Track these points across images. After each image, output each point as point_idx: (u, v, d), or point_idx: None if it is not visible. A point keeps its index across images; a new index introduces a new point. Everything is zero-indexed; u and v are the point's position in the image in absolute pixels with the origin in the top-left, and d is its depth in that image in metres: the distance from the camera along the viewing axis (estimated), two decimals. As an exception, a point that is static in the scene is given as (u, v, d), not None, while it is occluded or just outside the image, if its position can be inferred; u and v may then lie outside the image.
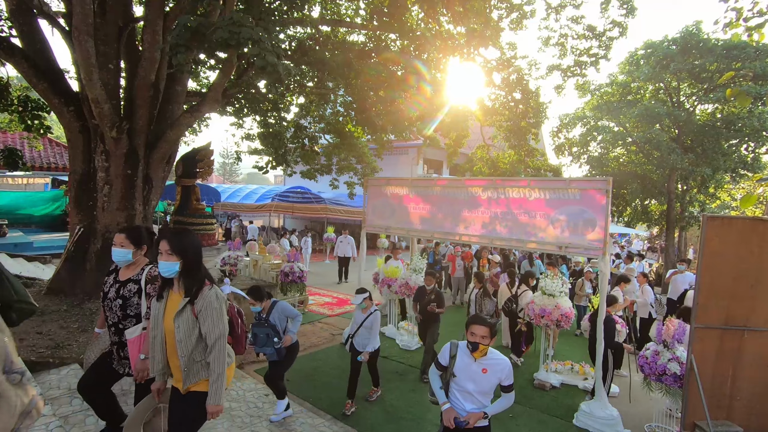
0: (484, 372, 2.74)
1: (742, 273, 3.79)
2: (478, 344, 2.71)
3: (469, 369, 2.77)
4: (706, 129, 15.71)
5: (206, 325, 2.39)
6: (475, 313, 2.95)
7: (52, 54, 6.34)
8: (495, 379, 2.75)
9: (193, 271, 2.45)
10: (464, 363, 2.80)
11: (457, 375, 2.80)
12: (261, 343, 4.20)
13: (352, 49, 8.10)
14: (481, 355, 2.74)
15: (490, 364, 2.76)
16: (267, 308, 4.36)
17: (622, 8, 8.15)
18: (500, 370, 2.75)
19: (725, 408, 3.86)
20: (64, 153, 14.10)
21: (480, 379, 2.75)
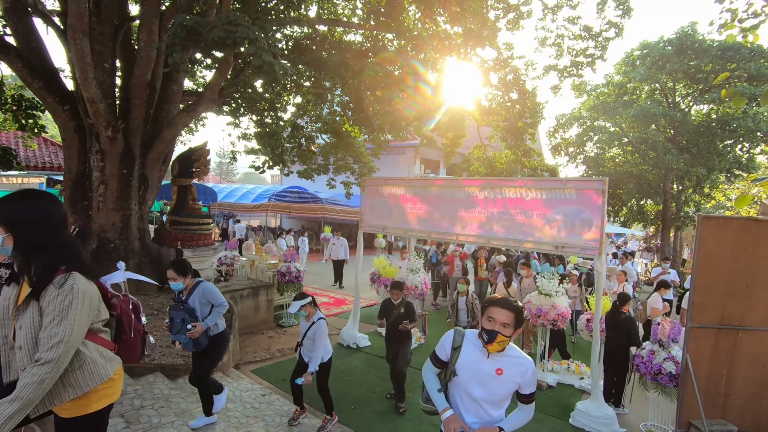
0: (498, 373, 2.06)
1: (737, 272, 3.81)
2: (497, 334, 2.01)
3: (478, 367, 2.10)
4: (702, 129, 15.82)
5: (45, 328, 1.70)
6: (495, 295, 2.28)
7: (46, 53, 6.31)
8: (512, 384, 2.08)
9: (33, 251, 1.76)
10: (472, 359, 2.13)
11: (460, 374, 2.13)
12: (175, 329, 3.64)
13: (349, 49, 8.10)
14: (499, 349, 2.06)
15: (508, 362, 2.09)
16: (189, 288, 3.78)
17: (618, 9, 8.19)
18: (521, 373, 2.07)
19: (720, 407, 3.88)
20: (59, 152, 14.01)
21: (492, 383, 2.08)
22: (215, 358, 3.95)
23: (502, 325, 2.03)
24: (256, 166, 9.77)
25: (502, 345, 2.05)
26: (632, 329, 5.18)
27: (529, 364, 2.10)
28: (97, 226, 6.30)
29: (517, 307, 2.06)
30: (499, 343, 2.04)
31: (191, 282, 3.80)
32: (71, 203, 6.46)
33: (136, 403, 3.84)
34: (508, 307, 2.05)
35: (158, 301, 6.31)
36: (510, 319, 2.03)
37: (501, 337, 2.02)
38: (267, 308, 7.60)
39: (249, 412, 4.25)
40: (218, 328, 3.88)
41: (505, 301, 2.07)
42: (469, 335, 2.20)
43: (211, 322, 3.74)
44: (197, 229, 7.53)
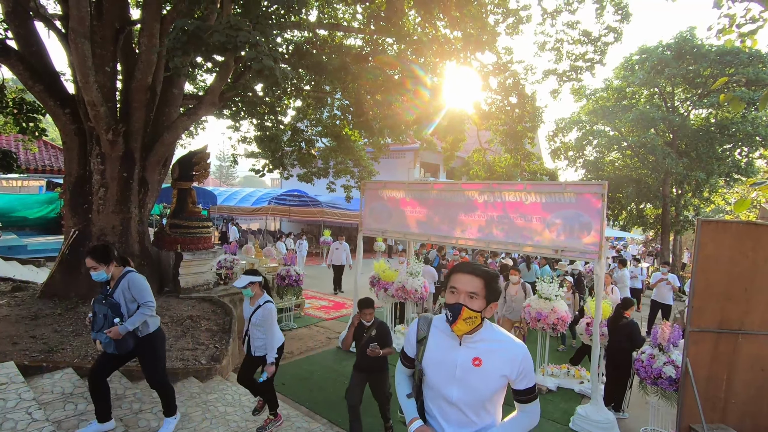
0: (475, 363, 1.63)
1: (737, 276, 3.81)
2: (461, 307, 1.58)
3: (449, 359, 1.67)
4: (701, 134, 15.88)
5: None
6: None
7: (48, 56, 6.33)
8: (497, 377, 1.62)
9: None
10: (442, 350, 1.70)
11: (429, 372, 1.71)
12: (96, 326, 3.18)
13: (349, 53, 8.13)
14: (467, 329, 1.61)
15: (488, 348, 1.64)
16: (116, 278, 3.29)
17: (617, 14, 8.23)
18: (508, 361, 1.62)
19: (720, 411, 3.87)
20: (59, 155, 14.03)
21: (470, 378, 1.63)
22: (155, 361, 3.47)
23: (468, 296, 1.59)
24: (256, 169, 9.79)
25: (471, 323, 1.60)
26: (635, 333, 5.18)
27: (518, 349, 1.63)
28: (97, 229, 6.29)
29: (486, 272, 1.64)
30: (466, 321, 1.59)
31: (118, 272, 3.29)
32: (71, 206, 6.46)
33: (135, 407, 3.83)
34: (473, 271, 1.63)
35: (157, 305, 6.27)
36: (478, 288, 1.60)
37: (468, 312, 1.58)
38: (266, 312, 7.57)
39: (248, 416, 4.23)
40: (148, 328, 3.39)
41: (469, 265, 1.66)
42: (437, 321, 1.78)
43: (132, 325, 3.19)
44: (197, 233, 7.53)
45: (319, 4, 8.59)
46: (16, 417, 3.09)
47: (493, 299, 1.64)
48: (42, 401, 3.54)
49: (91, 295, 5.98)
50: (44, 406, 3.48)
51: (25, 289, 6.79)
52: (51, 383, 3.88)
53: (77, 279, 6.13)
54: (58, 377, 3.98)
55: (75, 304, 5.87)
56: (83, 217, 6.38)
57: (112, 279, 3.28)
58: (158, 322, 3.55)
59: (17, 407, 3.21)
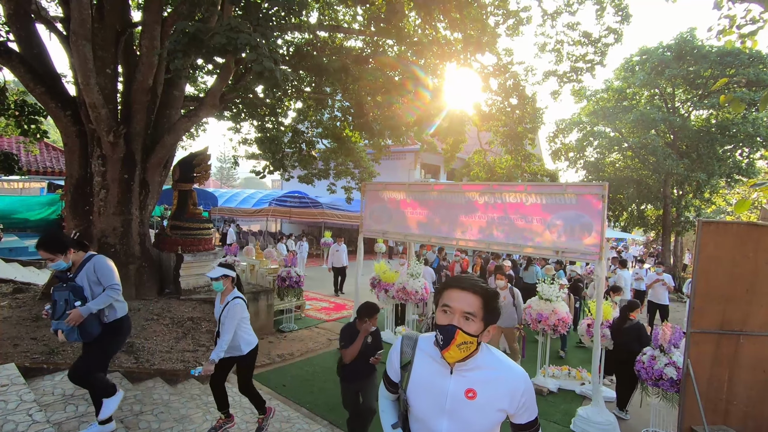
0: (469, 396, 1.41)
1: (738, 277, 3.81)
2: (455, 330, 1.35)
3: (438, 389, 1.45)
4: (701, 134, 15.87)
5: None
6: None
7: (49, 58, 6.35)
8: (495, 411, 1.41)
9: None
10: (429, 377, 1.48)
11: (414, 403, 1.49)
12: (57, 314, 2.97)
13: (350, 55, 8.14)
14: (460, 356, 1.39)
15: (484, 378, 1.42)
16: (78, 263, 3.14)
17: (617, 15, 8.24)
18: (507, 394, 1.40)
19: (722, 412, 3.86)
20: (60, 157, 14.06)
21: (463, 412, 1.42)
22: (107, 349, 3.23)
23: (463, 317, 1.36)
24: (257, 171, 9.80)
25: (466, 349, 1.37)
26: (643, 335, 5.16)
27: (519, 379, 1.41)
28: (98, 231, 6.30)
29: (485, 289, 1.40)
30: (460, 347, 1.36)
31: (79, 257, 3.14)
32: (72, 208, 6.47)
33: (136, 408, 3.83)
34: (471, 288, 1.39)
35: (158, 306, 6.30)
36: (475, 307, 1.37)
37: (463, 336, 1.35)
38: (267, 313, 7.58)
39: (249, 417, 4.23)
40: (115, 313, 3.21)
41: (466, 281, 1.41)
42: (423, 343, 1.54)
43: (96, 306, 3.01)
44: (198, 234, 7.54)
45: (319, 6, 8.62)
46: (17, 419, 3.09)
47: (492, 321, 1.41)
48: (43, 403, 3.55)
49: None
50: (45, 407, 3.48)
51: (27, 290, 6.80)
52: (52, 385, 3.88)
53: (78, 281, 6.13)
54: (58, 379, 3.99)
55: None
56: (84, 219, 6.40)
57: (74, 265, 3.13)
58: (126, 308, 3.35)
59: (18, 409, 3.21)
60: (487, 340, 1.45)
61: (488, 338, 1.45)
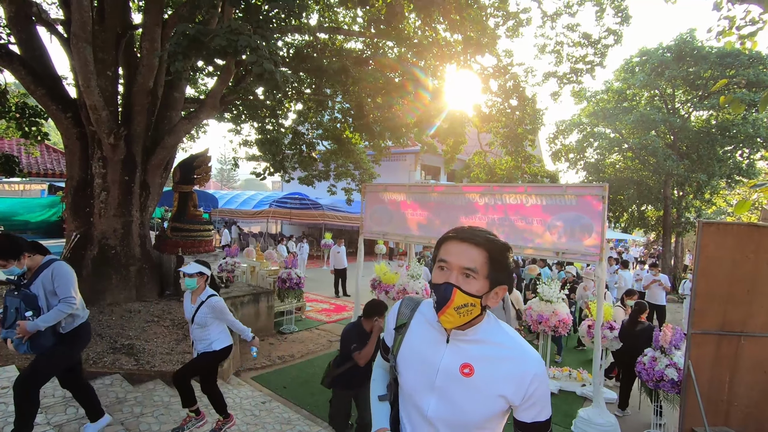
0: (464, 372, 1.18)
1: (739, 278, 3.80)
2: (452, 289, 1.13)
3: (430, 360, 1.23)
4: (701, 135, 15.86)
5: None
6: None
7: (50, 61, 6.37)
8: (494, 397, 1.16)
9: None
10: (423, 345, 1.27)
11: (404, 372, 1.29)
12: (8, 322, 2.75)
13: (350, 56, 8.16)
14: (459, 321, 1.17)
15: (485, 354, 1.19)
16: (34, 269, 2.89)
17: (616, 16, 8.25)
18: (511, 376, 1.16)
19: (723, 414, 3.85)
20: (61, 159, 14.08)
21: (455, 390, 1.19)
22: (57, 360, 2.96)
23: (463, 274, 1.14)
24: (257, 172, 9.81)
25: (466, 314, 1.15)
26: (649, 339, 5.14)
27: (530, 362, 1.16)
28: (99, 233, 6.31)
29: (490, 240, 1.16)
30: (458, 310, 1.14)
31: (35, 262, 2.89)
32: (73, 210, 6.48)
33: (136, 410, 3.83)
34: (471, 238, 1.16)
35: (159, 308, 6.30)
36: (478, 262, 1.14)
37: (462, 297, 1.13)
38: (267, 315, 7.58)
39: (249, 419, 4.22)
40: (73, 323, 2.99)
41: (467, 231, 1.18)
42: (425, 306, 1.34)
43: (44, 324, 2.77)
44: (198, 236, 7.54)
45: (319, 8, 8.64)
46: (18, 421, 3.09)
47: (502, 281, 1.18)
48: (43, 405, 3.54)
49: (93, 299, 6.00)
50: (45, 409, 3.48)
51: (27, 292, 6.79)
52: (52, 387, 3.88)
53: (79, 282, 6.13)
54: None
55: (76, 307, 5.87)
56: (85, 221, 6.40)
57: (30, 270, 2.88)
58: (86, 315, 3.15)
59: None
60: (494, 304, 1.21)
61: (496, 301, 1.21)
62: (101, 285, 6.13)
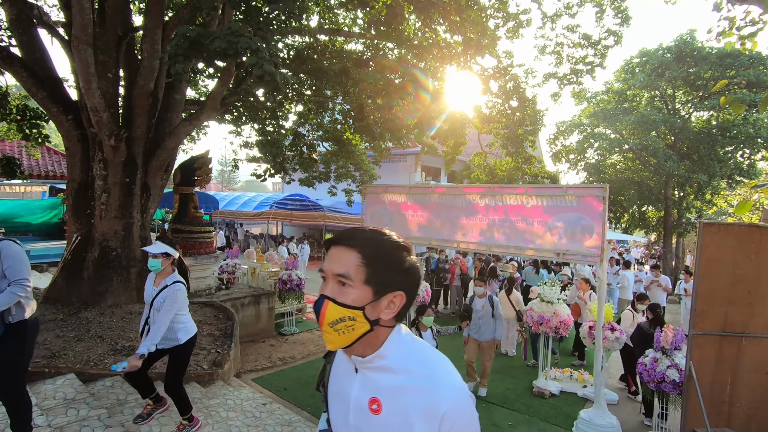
0: (372, 408, 0.99)
1: (740, 279, 3.80)
2: (323, 301, 0.97)
3: (344, 391, 1.08)
4: (702, 136, 15.85)
5: None
6: None
7: (51, 63, 6.38)
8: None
9: None
10: (340, 372, 1.13)
11: (329, 408, 1.14)
12: None
13: (350, 58, 8.17)
14: (345, 341, 0.98)
15: (394, 384, 0.98)
16: None
17: (616, 17, 8.26)
18: (421, 411, 0.93)
19: (725, 415, 3.85)
20: (62, 161, 14.10)
21: (366, 429, 1.01)
22: (15, 359, 2.71)
23: (338, 282, 0.97)
24: (258, 174, 9.82)
25: (346, 331, 0.96)
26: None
27: (444, 393, 0.94)
28: (99, 235, 6.31)
29: (365, 240, 0.99)
30: (335, 327, 0.95)
31: None
32: (74, 212, 6.49)
33: (137, 412, 3.82)
34: (344, 240, 0.99)
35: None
36: (349, 266, 0.96)
37: (335, 310, 0.95)
38: (268, 316, 7.58)
39: (250, 421, 4.22)
40: (22, 313, 2.70)
41: (345, 233, 1.02)
42: None
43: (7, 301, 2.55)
44: (199, 237, 7.54)
45: (319, 9, 8.65)
46: (19, 423, 3.09)
47: (391, 285, 0.98)
48: (44, 407, 3.54)
49: (94, 301, 6.01)
50: (46, 411, 3.48)
51: (28, 294, 6.80)
52: (53, 389, 3.88)
53: (80, 284, 6.15)
54: (60, 383, 3.98)
55: (77, 309, 5.88)
56: (86, 223, 6.41)
57: None
58: (34, 308, 2.85)
59: (19, 413, 3.21)
60: (389, 315, 0.99)
61: (392, 312, 0.99)
62: (102, 287, 6.14)
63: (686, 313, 8.76)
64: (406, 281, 1.01)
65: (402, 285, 1.00)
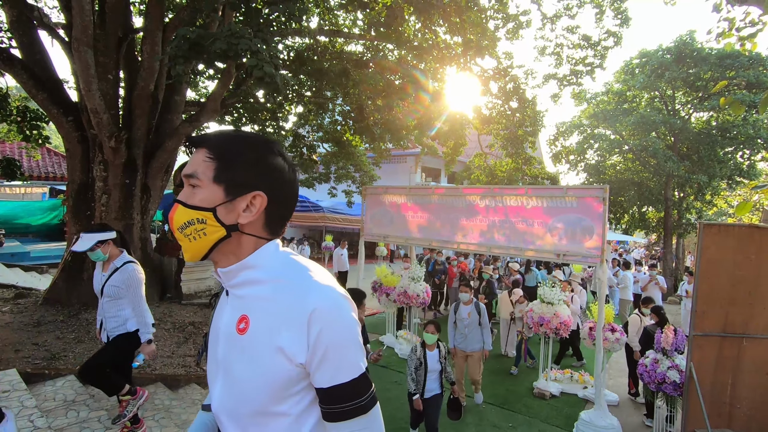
0: (240, 328, 0.88)
1: (740, 280, 3.79)
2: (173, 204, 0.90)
3: (216, 324, 0.98)
4: (702, 137, 15.86)
5: None
6: None
7: (51, 64, 6.39)
8: (268, 351, 0.84)
9: None
10: (219, 309, 1.01)
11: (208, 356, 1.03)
12: None
13: (350, 59, 8.18)
14: (199, 251, 0.88)
15: (261, 296, 0.88)
16: None
17: (616, 18, 8.27)
18: (288, 318, 0.83)
19: (725, 416, 3.84)
20: (62, 162, 14.11)
21: (232, 359, 0.89)
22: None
23: (188, 184, 0.88)
24: (258, 175, 9.81)
25: (197, 237, 0.86)
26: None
27: (314, 292, 0.84)
28: (100, 236, 6.31)
29: (214, 134, 0.91)
30: (183, 231, 0.86)
31: None
32: (74, 213, 6.49)
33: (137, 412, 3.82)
34: (198, 141, 0.90)
35: (159, 311, 6.30)
36: (197, 164, 0.87)
37: (183, 212, 0.86)
38: (268, 317, 7.58)
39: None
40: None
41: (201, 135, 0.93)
42: None
43: None
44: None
45: (319, 11, 8.66)
46: (19, 425, 3.09)
47: (246, 183, 0.87)
48: (44, 409, 3.54)
49: (94, 302, 6.00)
50: (46, 413, 3.47)
51: (28, 296, 6.80)
52: (53, 390, 3.87)
53: (80, 286, 6.15)
54: (60, 384, 3.98)
55: (77, 310, 5.88)
56: (86, 224, 6.40)
57: None
58: None
59: (19, 415, 3.21)
60: (249, 218, 0.87)
61: (252, 215, 0.87)
62: (102, 288, 6.13)
63: (686, 314, 8.76)
64: (266, 181, 0.88)
65: (260, 185, 0.87)
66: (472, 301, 5.22)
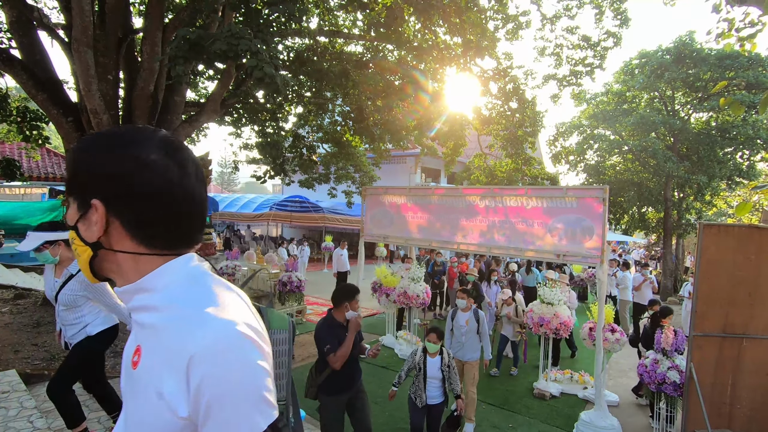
0: (134, 361, 0.77)
1: (740, 280, 3.80)
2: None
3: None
4: (701, 137, 15.87)
5: None
6: None
7: (51, 65, 6.38)
8: (151, 395, 0.69)
9: None
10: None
11: None
12: None
13: (350, 60, 8.18)
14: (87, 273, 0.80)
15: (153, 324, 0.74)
16: None
17: (616, 19, 8.27)
18: (169, 358, 0.68)
19: (726, 416, 3.84)
20: (62, 163, 14.11)
21: (128, 394, 0.78)
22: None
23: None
24: (258, 175, 9.82)
25: (79, 256, 0.78)
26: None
27: (196, 330, 0.68)
28: (99, 237, 6.31)
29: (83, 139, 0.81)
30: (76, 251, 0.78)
31: None
32: (73, 214, 6.48)
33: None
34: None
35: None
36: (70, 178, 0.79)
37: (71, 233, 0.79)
38: (268, 318, 7.56)
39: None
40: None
41: None
42: None
43: None
44: (199, 239, 7.54)
45: (319, 11, 8.66)
46: (18, 425, 3.08)
47: (89, 193, 0.74)
48: (44, 409, 3.54)
49: (93, 302, 5.99)
50: (46, 414, 3.47)
51: (28, 296, 6.80)
52: (53, 391, 3.87)
53: (79, 286, 6.14)
54: (59, 385, 3.97)
55: (77, 311, 5.87)
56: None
57: None
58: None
59: (19, 416, 3.21)
60: (95, 234, 0.74)
61: (96, 228, 0.73)
62: (102, 289, 6.13)
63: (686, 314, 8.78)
64: (105, 186, 0.73)
65: (97, 191, 0.73)
66: (470, 308, 4.96)
